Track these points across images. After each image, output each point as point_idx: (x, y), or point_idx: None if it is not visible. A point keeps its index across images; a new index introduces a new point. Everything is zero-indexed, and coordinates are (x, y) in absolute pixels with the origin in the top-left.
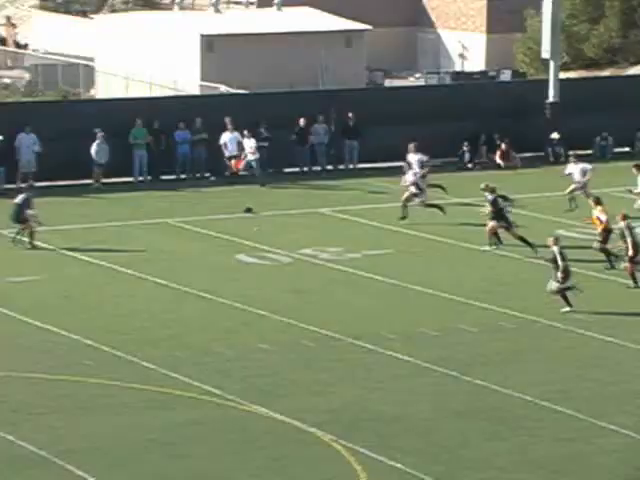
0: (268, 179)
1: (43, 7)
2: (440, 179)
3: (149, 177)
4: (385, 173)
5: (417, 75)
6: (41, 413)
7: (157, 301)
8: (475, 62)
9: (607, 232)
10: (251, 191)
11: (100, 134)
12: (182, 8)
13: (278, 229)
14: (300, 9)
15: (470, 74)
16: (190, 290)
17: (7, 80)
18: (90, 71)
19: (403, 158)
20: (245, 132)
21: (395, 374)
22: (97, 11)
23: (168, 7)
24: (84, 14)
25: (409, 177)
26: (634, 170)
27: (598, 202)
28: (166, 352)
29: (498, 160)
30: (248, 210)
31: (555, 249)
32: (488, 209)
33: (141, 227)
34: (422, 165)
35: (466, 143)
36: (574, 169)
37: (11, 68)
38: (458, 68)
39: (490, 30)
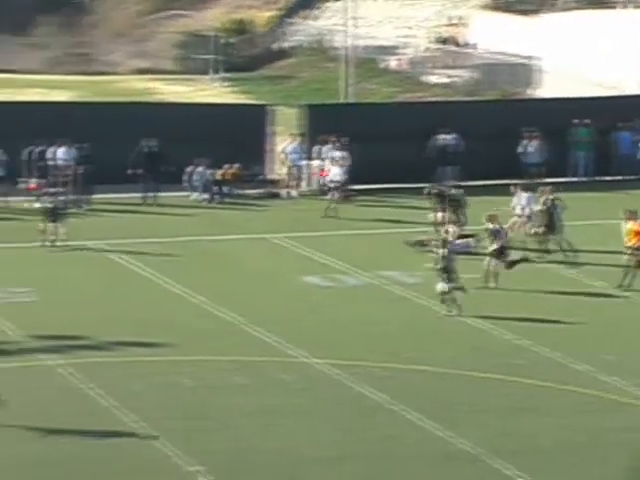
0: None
1: (487, 6)
2: None
3: (588, 178)
4: None
5: None
6: (477, 411)
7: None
8: None
9: None
10: None
11: (535, 134)
12: (637, 7)
13: None
14: None
15: None
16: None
17: (448, 79)
18: (532, 70)
19: None
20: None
21: None
22: (538, 10)
23: (612, 6)
24: (525, 13)
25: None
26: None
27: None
28: (604, 355)
29: None
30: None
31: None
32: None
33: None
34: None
35: None
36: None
37: (454, 67)
38: None
39: None
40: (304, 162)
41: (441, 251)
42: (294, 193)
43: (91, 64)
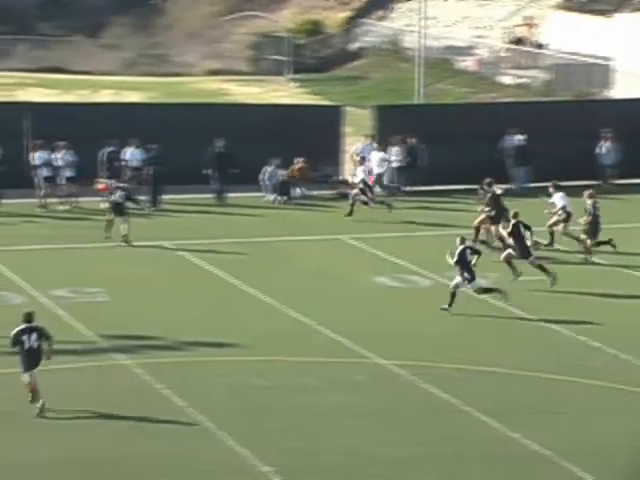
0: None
1: (562, 7)
2: None
3: None
4: None
5: None
6: (545, 412)
7: None
8: None
9: None
10: None
11: (609, 135)
12: None
13: None
14: None
15: None
16: None
17: (522, 80)
18: (607, 71)
19: None
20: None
21: None
22: (612, 10)
23: None
24: (598, 13)
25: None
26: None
27: None
28: None
29: None
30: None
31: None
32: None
33: None
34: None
35: None
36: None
37: (528, 68)
38: None
39: None
40: None
41: (460, 247)
42: None
43: (165, 65)
